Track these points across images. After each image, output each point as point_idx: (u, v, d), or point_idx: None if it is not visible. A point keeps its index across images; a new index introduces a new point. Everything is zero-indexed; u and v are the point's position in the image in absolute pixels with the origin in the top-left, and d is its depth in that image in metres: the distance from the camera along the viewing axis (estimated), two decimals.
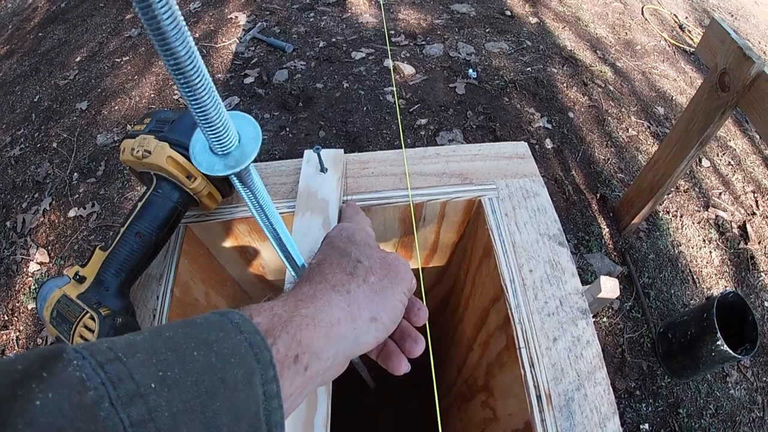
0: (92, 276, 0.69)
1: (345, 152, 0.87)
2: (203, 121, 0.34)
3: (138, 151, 0.72)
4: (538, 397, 0.64)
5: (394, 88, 3.28)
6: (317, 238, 0.73)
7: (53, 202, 2.93)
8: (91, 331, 0.63)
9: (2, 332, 2.48)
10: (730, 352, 1.92)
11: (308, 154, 0.86)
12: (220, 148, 0.37)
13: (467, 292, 1.02)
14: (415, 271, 1.11)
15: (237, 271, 1.04)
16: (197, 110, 0.33)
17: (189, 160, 0.71)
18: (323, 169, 0.82)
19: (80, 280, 0.69)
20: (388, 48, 3.64)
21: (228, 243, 0.92)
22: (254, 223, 0.84)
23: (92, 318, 0.63)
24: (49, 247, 2.74)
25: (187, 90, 0.31)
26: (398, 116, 3.13)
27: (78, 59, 3.99)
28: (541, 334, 0.69)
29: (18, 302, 2.57)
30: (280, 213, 0.82)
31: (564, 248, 0.78)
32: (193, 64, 0.29)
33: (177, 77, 0.30)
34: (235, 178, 0.43)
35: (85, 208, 2.84)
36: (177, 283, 0.78)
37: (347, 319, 0.47)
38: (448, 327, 1.34)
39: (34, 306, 2.53)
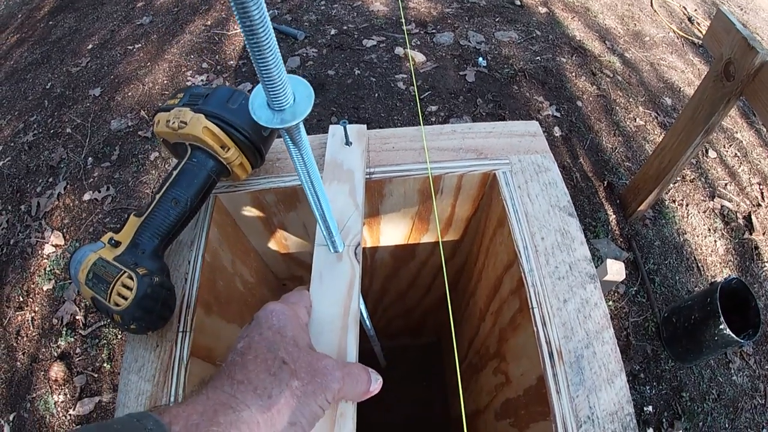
0: (127, 240, 0.72)
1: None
2: (266, 79, 0.38)
3: (174, 123, 0.76)
4: (550, 354, 0.68)
5: (412, 71, 3.31)
6: (343, 205, 0.77)
7: (68, 186, 2.97)
8: (129, 289, 0.66)
9: (18, 313, 2.53)
10: (733, 336, 1.96)
11: (333, 128, 0.90)
12: (278, 104, 0.41)
13: (480, 264, 1.07)
14: (434, 245, 1.16)
15: (260, 243, 1.08)
16: (262, 68, 0.36)
17: (224, 131, 0.75)
18: (348, 142, 0.86)
19: (115, 244, 0.72)
20: (406, 36, 3.67)
21: (254, 214, 0.96)
22: (281, 193, 0.89)
23: (130, 277, 0.66)
24: (64, 230, 2.78)
25: (256, 50, 0.35)
26: (416, 93, 3.17)
27: (90, 47, 4.02)
28: (553, 296, 0.73)
29: (33, 284, 2.62)
30: None
31: (573, 218, 0.83)
32: (264, 28, 0.33)
33: (249, 38, 0.34)
34: (286, 135, 0.47)
35: (99, 192, 2.89)
36: (207, 249, 0.82)
37: (266, 423, 0.47)
38: (459, 303, 1.38)
39: (50, 287, 2.58)
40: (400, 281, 1.37)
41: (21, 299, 2.58)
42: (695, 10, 4.39)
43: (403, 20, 3.86)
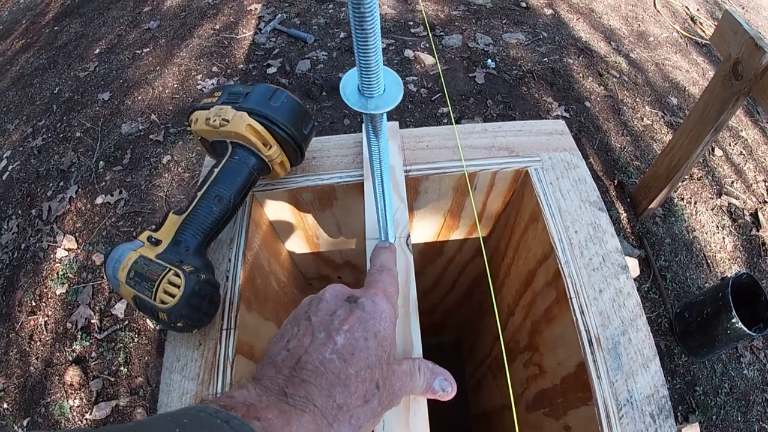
0: (169, 238, 0.71)
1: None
2: (364, 67, 0.40)
3: (215, 120, 0.76)
4: (590, 341, 0.70)
5: (440, 70, 3.33)
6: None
7: (79, 189, 2.98)
8: (176, 286, 0.64)
9: (30, 318, 2.54)
10: (745, 329, 1.98)
11: None
12: (369, 91, 0.43)
13: (509, 259, 1.08)
14: (461, 242, 1.18)
15: (291, 241, 1.10)
16: (362, 56, 0.39)
17: (267, 128, 0.76)
18: None
19: (155, 242, 0.71)
20: (430, 36, 3.70)
21: (288, 212, 0.97)
22: (319, 191, 0.91)
23: (177, 274, 0.65)
24: (77, 234, 2.79)
25: (361, 38, 0.37)
26: (445, 94, 3.19)
27: (97, 51, 4.03)
28: (588, 286, 0.75)
29: (46, 288, 2.63)
30: (346, 182, 0.88)
31: (603, 213, 0.85)
32: (372, 19, 0.35)
33: (356, 26, 0.36)
34: (369, 123, 0.49)
35: (112, 195, 2.90)
36: (248, 247, 0.84)
37: None
38: (482, 299, 1.40)
39: (63, 291, 2.59)
40: (426, 279, 1.39)
41: (33, 304, 2.58)
42: (698, 9, 4.42)
43: (425, 20, 3.89)
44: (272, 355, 0.47)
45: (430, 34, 3.76)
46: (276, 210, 0.96)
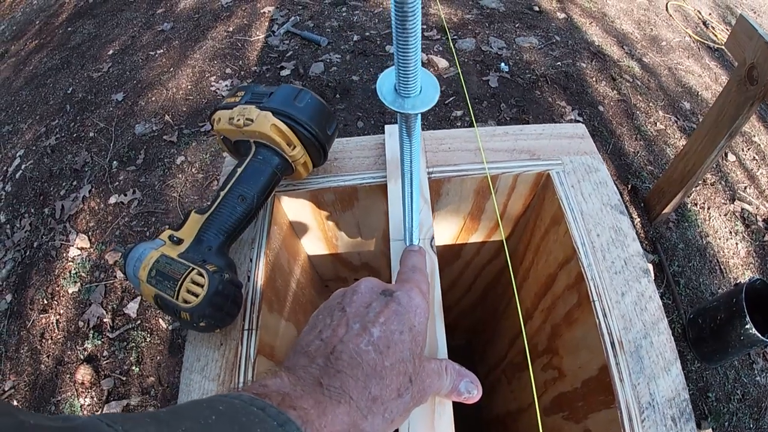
0: (191, 237, 0.71)
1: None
2: (403, 66, 0.40)
3: (239, 120, 0.76)
4: (612, 344, 0.70)
5: (458, 65, 3.33)
6: None
7: (92, 189, 2.99)
8: (200, 286, 0.64)
9: (42, 316, 2.55)
10: (758, 335, 1.97)
11: (390, 128, 0.93)
12: (406, 91, 0.43)
13: (527, 263, 1.08)
14: (480, 245, 1.18)
15: (310, 242, 1.10)
16: (401, 55, 0.39)
17: (291, 128, 0.76)
18: None
19: (177, 241, 0.71)
20: (450, 40, 3.70)
21: (308, 214, 0.98)
22: (340, 192, 0.91)
23: (200, 274, 0.64)
24: (90, 233, 2.81)
25: (401, 36, 0.37)
26: (466, 97, 3.19)
27: (110, 52, 4.06)
28: (611, 289, 0.75)
29: (58, 286, 2.64)
30: (369, 183, 0.88)
31: (624, 216, 0.85)
32: (414, 19, 0.35)
33: (398, 25, 0.36)
34: (403, 123, 0.48)
35: (126, 195, 2.91)
36: (269, 247, 0.84)
37: None
38: (498, 303, 1.40)
39: (75, 290, 2.60)
40: (443, 282, 1.38)
41: (45, 302, 2.59)
42: (710, 14, 4.40)
43: (444, 25, 3.89)
44: (304, 344, 0.47)
45: (450, 38, 3.76)
46: (297, 211, 0.96)
